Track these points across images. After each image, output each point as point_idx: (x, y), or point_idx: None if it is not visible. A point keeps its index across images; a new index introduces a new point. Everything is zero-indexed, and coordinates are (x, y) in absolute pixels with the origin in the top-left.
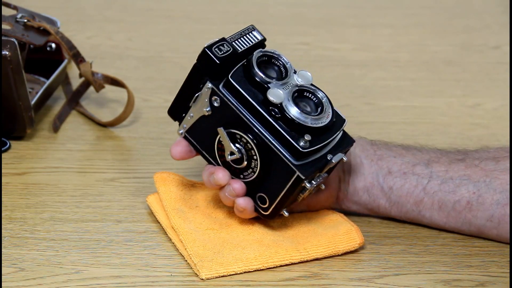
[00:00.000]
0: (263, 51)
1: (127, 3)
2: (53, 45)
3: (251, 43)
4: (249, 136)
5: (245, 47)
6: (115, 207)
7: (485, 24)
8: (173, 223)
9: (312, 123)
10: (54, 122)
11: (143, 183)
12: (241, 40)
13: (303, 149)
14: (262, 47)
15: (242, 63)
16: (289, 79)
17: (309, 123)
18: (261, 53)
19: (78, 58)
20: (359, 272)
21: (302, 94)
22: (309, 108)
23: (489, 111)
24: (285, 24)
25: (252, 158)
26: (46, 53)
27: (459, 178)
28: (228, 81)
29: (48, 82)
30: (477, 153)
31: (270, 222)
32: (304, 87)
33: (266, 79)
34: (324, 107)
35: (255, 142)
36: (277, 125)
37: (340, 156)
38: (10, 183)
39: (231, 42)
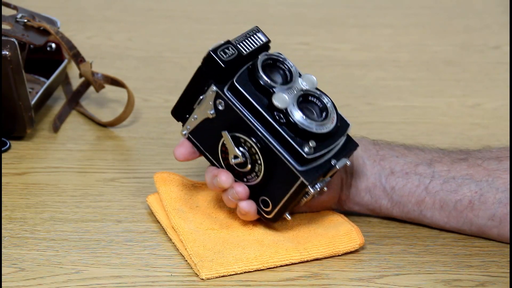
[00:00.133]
0: (268, 54)
1: (127, 3)
2: (53, 45)
3: (256, 45)
4: (253, 140)
5: (250, 50)
6: (115, 207)
7: (485, 24)
8: (173, 223)
9: (317, 129)
10: (54, 122)
11: (143, 183)
12: (246, 42)
13: (307, 155)
14: (266, 49)
15: (247, 66)
16: (294, 83)
17: (314, 129)
18: (266, 56)
19: (78, 58)
20: (359, 272)
21: (307, 98)
22: (314, 113)
23: (489, 111)
24: (285, 24)
25: (256, 162)
26: (46, 53)
27: (461, 177)
28: (233, 85)
29: (48, 82)
30: (479, 153)
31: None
32: (309, 91)
33: (271, 84)
34: (329, 112)
35: (259, 146)
36: (282, 131)
37: (344, 161)
38: (10, 183)
39: (236, 44)
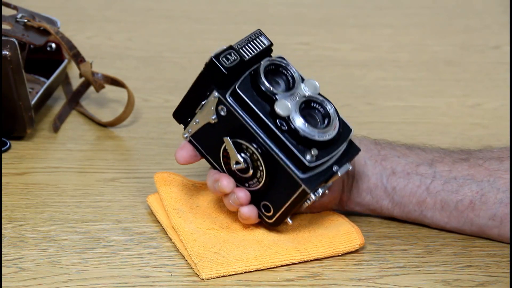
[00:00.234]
0: (270, 60)
1: (127, 3)
2: (53, 45)
3: (258, 49)
4: (255, 147)
5: (252, 54)
6: (115, 207)
7: (485, 24)
8: (174, 223)
9: (319, 136)
10: (54, 122)
11: (143, 183)
12: (248, 46)
13: (309, 163)
14: (269, 52)
15: (249, 72)
16: (297, 89)
17: (316, 136)
18: (268, 62)
19: (78, 58)
20: (359, 272)
21: (309, 105)
22: (316, 119)
23: (489, 111)
24: (285, 24)
25: (257, 168)
26: (46, 53)
27: (462, 177)
28: (235, 91)
29: (48, 82)
30: (481, 153)
31: None
32: (311, 98)
33: (273, 91)
34: (331, 119)
35: (261, 153)
36: (284, 138)
37: (346, 167)
38: (10, 183)
39: (238, 49)
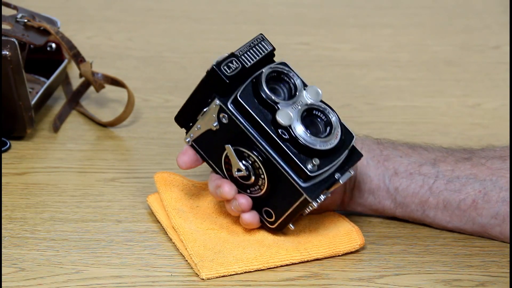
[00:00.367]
0: (272, 67)
1: (127, 3)
2: (53, 45)
3: (260, 55)
4: (256, 155)
5: (254, 60)
6: (115, 207)
7: (485, 24)
8: (174, 223)
9: (320, 145)
10: (54, 122)
11: (144, 183)
12: (249, 53)
13: (311, 172)
14: (271, 57)
15: (251, 80)
16: (299, 97)
17: (318, 145)
18: (270, 69)
19: (78, 58)
20: (359, 272)
21: (311, 113)
22: (318, 127)
23: (489, 111)
24: (285, 24)
25: (259, 176)
26: (46, 53)
27: (465, 177)
28: (236, 100)
29: (48, 82)
30: (483, 152)
31: None
32: (313, 106)
33: (275, 99)
34: (333, 127)
35: (263, 162)
36: (285, 147)
37: (348, 175)
38: (10, 183)
39: (240, 56)
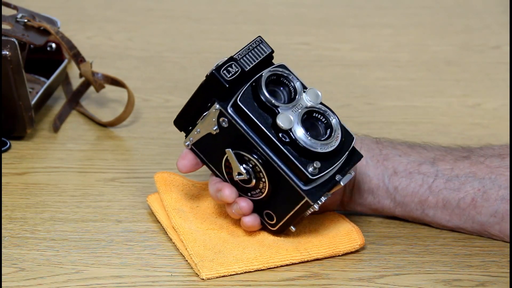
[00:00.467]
0: (272, 70)
1: (127, 3)
2: (53, 45)
3: (259, 57)
4: (257, 159)
5: (253, 63)
6: (115, 207)
7: (485, 24)
8: (174, 223)
9: (321, 148)
10: (54, 122)
11: (144, 183)
12: (248, 56)
13: (312, 175)
14: (270, 59)
15: (250, 83)
16: (298, 100)
17: (318, 148)
18: (270, 73)
19: (78, 58)
20: (359, 272)
21: (311, 115)
22: (318, 130)
23: (489, 111)
24: (285, 24)
25: (260, 179)
26: (46, 53)
27: (464, 175)
28: (236, 104)
29: (48, 82)
30: (482, 150)
31: None
32: (313, 108)
33: (275, 103)
34: (333, 130)
35: (264, 165)
36: (286, 150)
37: (348, 177)
38: (10, 183)
39: (239, 59)
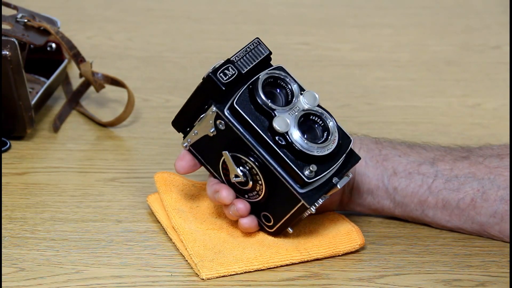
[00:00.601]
0: (269, 73)
1: (127, 3)
2: (53, 45)
3: (256, 59)
4: (254, 162)
5: (250, 66)
6: (115, 207)
7: (485, 24)
8: (174, 223)
9: (318, 151)
10: (54, 122)
11: (144, 183)
12: (246, 58)
13: (308, 179)
14: (268, 61)
15: (247, 86)
16: (295, 103)
17: (315, 152)
18: (267, 75)
19: (78, 58)
20: (359, 272)
21: (308, 118)
22: (315, 132)
23: (489, 111)
24: (285, 24)
25: (257, 182)
26: (46, 53)
27: (463, 176)
28: (233, 106)
29: (48, 82)
30: (481, 150)
31: None
32: (310, 111)
33: (271, 106)
34: (330, 132)
35: (260, 168)
36: (282, 153)
37: (346, 179)
38: (10, 183)
39: (236, 61)
